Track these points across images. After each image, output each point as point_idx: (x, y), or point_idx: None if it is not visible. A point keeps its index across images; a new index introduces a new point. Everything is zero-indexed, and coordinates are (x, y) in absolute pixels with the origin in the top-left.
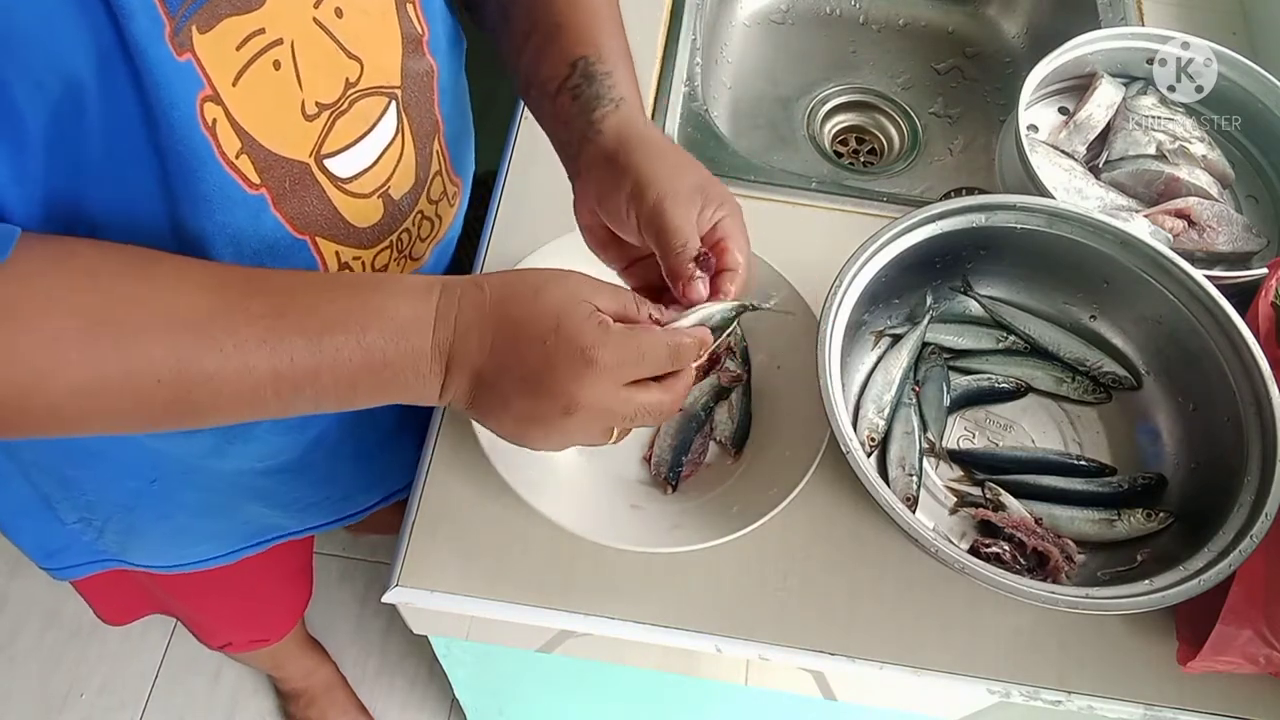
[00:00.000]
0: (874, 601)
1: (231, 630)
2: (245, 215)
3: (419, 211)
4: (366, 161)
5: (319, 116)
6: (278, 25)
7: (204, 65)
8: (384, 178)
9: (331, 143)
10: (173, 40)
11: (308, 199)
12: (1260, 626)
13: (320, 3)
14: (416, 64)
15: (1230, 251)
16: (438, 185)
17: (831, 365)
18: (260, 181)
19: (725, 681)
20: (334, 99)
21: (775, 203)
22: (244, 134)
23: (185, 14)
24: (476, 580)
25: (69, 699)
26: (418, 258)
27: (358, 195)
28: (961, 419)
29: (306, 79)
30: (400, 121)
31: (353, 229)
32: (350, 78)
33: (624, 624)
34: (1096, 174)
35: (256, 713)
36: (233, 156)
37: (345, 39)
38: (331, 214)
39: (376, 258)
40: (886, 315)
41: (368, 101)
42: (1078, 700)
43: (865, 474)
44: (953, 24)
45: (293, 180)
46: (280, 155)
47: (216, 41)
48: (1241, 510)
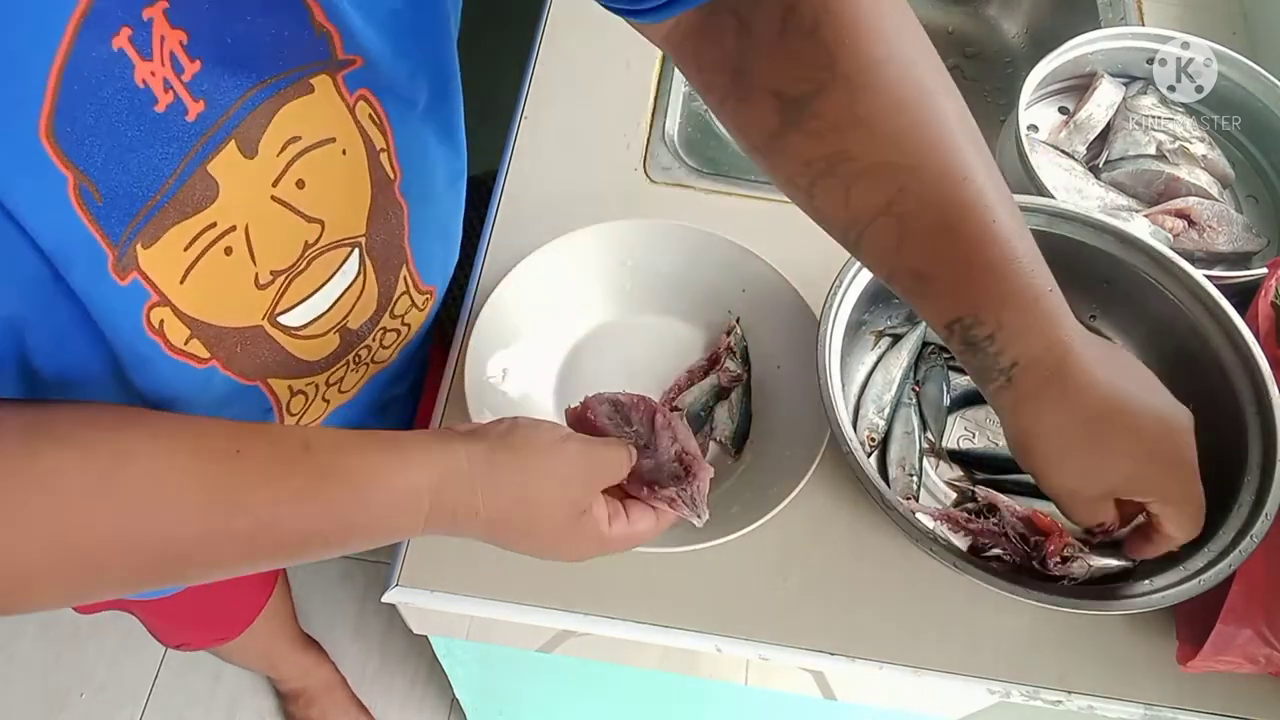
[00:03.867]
0: (874, 601)
1: (186, 630)
2: (197, 383)
3: (381, 328)
4: (322, 309)
5: (273, 283)
6: (231, 214)
7: (149, 278)
8: (341, 315)
9: (285, 301)
10: (115, 268)
11: (259, 354)
12: (1260, 626)
13: (280, 179)
14: (385, 209)
15: (1230, 251)
16: (404, 303)
17: (831, 365)
18: (210, 355)
19: (725, 681)
20: (290, 263)
21: (775, 202)
22: (191, 321)
23: (129, 237)
24: (476, 580)
25: (69, 699)
26: (381, 361)
27: (312, 337)
28: (961, 419)
29: (261, 254)
30: (363, 264)
31: (305, 364)
32: (309, 240)
33: (624, 624)
34: (1096, 174)
35: (256, 712)
36: (181, 345)
37: (306, 206)
38: (284, 358)
39: (329, 376)
40: (886, 315)
41: (328, 255)
42: (1078, 700)
43: (865, 474)
44: (953, 24)
45: (244, 344)
46: (230, 328)
47: (162, 251)
48: (1241, 510)
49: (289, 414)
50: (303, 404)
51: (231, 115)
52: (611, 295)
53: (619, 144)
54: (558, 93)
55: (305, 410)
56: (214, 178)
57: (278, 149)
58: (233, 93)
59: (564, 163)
